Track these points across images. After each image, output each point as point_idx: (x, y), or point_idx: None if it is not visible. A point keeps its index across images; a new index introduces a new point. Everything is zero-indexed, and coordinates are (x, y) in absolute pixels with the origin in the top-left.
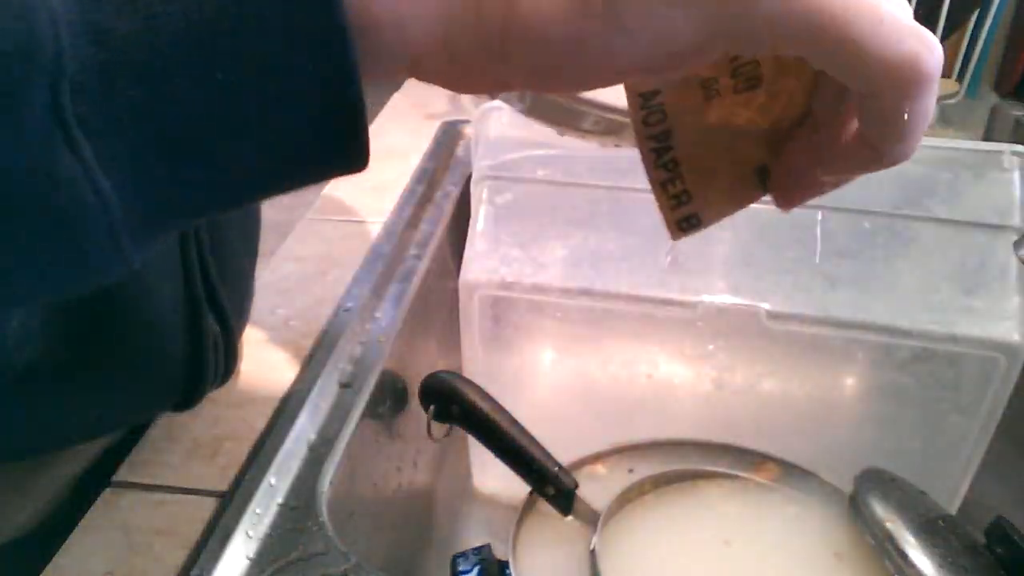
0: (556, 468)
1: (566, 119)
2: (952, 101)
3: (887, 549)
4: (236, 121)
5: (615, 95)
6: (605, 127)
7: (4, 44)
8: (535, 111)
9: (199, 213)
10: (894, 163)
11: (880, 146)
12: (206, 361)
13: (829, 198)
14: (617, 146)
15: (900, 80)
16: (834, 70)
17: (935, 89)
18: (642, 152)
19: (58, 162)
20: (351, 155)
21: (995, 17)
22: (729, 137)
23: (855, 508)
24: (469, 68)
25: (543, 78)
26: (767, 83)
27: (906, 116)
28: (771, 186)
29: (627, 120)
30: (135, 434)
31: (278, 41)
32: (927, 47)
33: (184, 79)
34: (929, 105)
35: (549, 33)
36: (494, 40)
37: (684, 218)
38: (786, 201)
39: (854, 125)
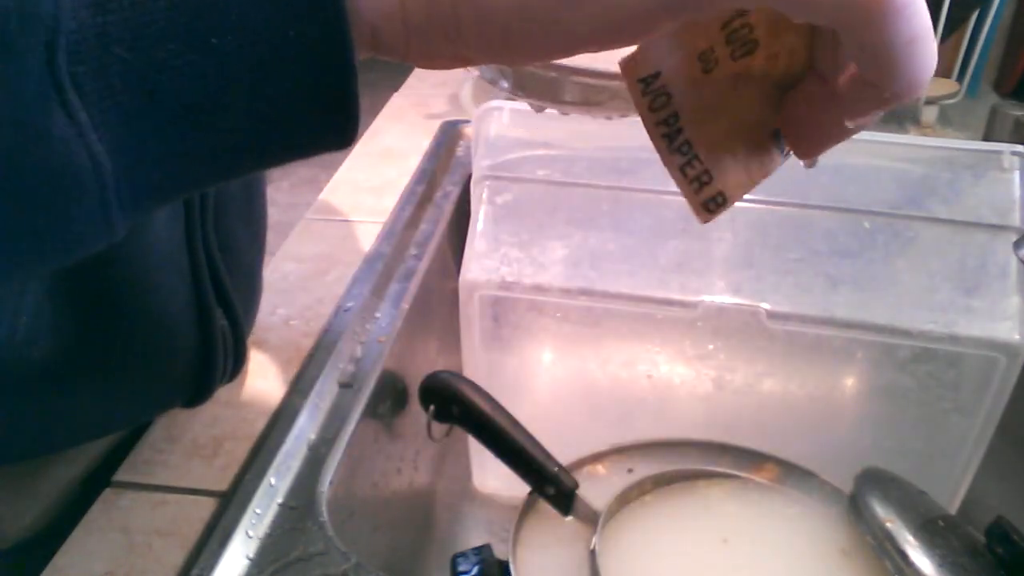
0: (556, 468)
1: (549, 92)
2: (952, 101)
3: (887, 549)
4: (230, 88)
5: (590, 59)
6: (583, 96)
7: (3, 1)
8: (519, 87)
9: (191, 183)
10: (902, 97)
11: (877, 81)
12: (216, 357)
13: (829, 198)
14: (608, 118)
15: (855, 11)
16: (792, 12)
17: (909, 13)
18: (653, 139)
19: (52, 122)
20: (341, 124)
21: (995, 17)
22: (736, 106)
23: (855, 508)
24: (425, 41)
25: (496, 49)
26: (764, 46)
27: (885, 46)
28: (787, 143)
29: (607, 84)
30: (135, 434)
31: (270, 6)
32: None
33: (178, 45)
34: (905, 30)
35: (497, 4)
36: (447, 12)
37: (710, 199)
38: (805, 152)
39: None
